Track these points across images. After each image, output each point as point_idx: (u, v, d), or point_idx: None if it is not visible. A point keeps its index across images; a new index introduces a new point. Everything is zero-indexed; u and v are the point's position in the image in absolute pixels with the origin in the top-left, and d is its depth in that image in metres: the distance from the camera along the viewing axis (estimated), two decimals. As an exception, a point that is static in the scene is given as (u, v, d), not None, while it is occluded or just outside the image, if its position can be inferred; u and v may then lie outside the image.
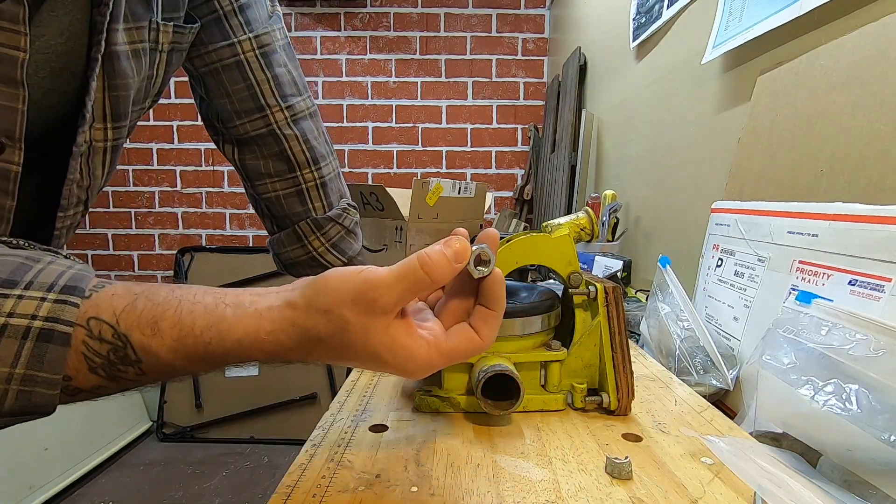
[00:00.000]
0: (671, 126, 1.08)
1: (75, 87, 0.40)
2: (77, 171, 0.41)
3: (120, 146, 0.46)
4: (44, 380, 0.26)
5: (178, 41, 0.49)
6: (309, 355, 0.30)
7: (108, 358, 0.28)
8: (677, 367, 0.59)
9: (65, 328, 0.27)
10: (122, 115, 0.44)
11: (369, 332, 0.28)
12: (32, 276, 0.27)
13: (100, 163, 0.44)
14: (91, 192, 0.45)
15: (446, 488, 0.33)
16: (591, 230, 1.06)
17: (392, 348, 0.29)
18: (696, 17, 0.97)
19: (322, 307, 0.28)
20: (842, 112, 0.54)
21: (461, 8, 2.39)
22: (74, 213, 0.44)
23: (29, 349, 0.26)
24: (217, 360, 0.29)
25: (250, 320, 0.29)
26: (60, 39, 0.38)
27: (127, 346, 0.28)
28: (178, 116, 2.43)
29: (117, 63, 0.41)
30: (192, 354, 0.29)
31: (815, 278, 0.49)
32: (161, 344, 0.28)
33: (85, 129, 0.40)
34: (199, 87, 0.61)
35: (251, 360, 0.30)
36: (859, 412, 0.36)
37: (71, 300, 0.27)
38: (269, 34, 0.60)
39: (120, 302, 0.28)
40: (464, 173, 2.46)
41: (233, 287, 0.32)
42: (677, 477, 0.35)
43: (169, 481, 1.89)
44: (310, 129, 0.65)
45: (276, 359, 0.30)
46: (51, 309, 0.27)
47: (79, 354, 0.27)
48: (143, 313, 0.28)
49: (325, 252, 0.67)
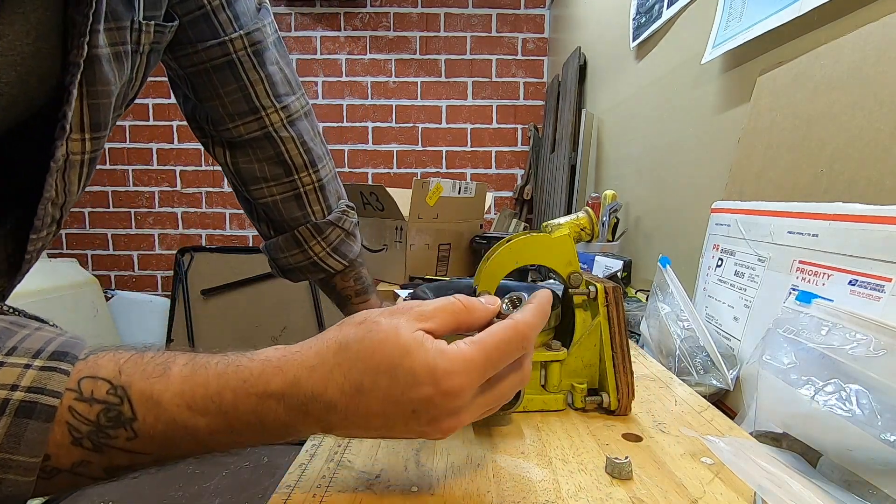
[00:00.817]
0: (671, 126, 1.08)
1: (44, 94, 0.35)
2: (52, 188, 0.36)
3: (97, 159, 0.42)
4: (19, 464, 0.22)
5: (157, 41, 0.45)
6: (332, 374, 0.26)
7: (96, 422, 0.24)
8: (677, 367, 0.59)
9: (50, 400, 0.23)
10: (101, 124, 0.39)
11: (400, 329, 0.26)
12: (17, 342, 0.24)
13: (76, 178, 0.40)
14: (65, 209, 0.40)
15: (446, 488, 0.33)
16: (591, 230, 1.06)
17: (422, 342, 0.26)
18: (696, 17, 0.97)
19: (356, 320, 0.28)
20: (842, 112, 0.54)
21: (461, 8, 2.39)
22: (47, 233, 0.39)
23: (5, 427, 0.22)
24: (228, 398, 0.25)
25: (276, 347, 0.28)
26: (27, 40, 0.33)
27: (123, 400, 0.24)
28: (178, 116, 2.43)
29: (98, 68, 0.37)
30: (199, 395, 0.25)
31: (815, 278, 0.49)
32: (166, 387, 0.25)
33: (62, 143, 0.36)
34: (185, 87, 0.58)
35: (268, 392, 0.26)
36: (859, 412, 0.36)
37: (61, 367, 0.24)
38: (261, 30, 0.57)
39: (125, 355, 0.26)
40: (464, 173, 2.46)
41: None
42: (677, 477, 0.35)
43: (169, 481, 1.89)
44: (306, 130, 0.63)
45: (297, 389, 0.26)
46: (35, 377, 0.23)
47: (62, 425, 0.24)
48: (152, 360, 0.26)
49: (326, 256, 0.65)
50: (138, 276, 2.53)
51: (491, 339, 0.27)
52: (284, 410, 0.26)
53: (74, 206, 0.43)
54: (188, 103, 0.61)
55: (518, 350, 0.28)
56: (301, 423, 0.27)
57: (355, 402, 0.26)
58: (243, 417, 0.26)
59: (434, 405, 0.26)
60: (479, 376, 0.27)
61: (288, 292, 2.26)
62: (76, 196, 0.41)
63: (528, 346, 0.29)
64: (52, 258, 2.20)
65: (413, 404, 0.26)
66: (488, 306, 0.30)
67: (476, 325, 0.29)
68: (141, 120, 2.43)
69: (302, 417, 0.26)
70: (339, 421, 0.27)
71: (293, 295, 2.27)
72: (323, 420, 0.27)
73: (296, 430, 0.27)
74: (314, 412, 0.26)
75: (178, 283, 2.30)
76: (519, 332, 0.28)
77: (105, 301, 2.24)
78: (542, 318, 0.30)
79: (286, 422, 0.26)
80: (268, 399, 0.26)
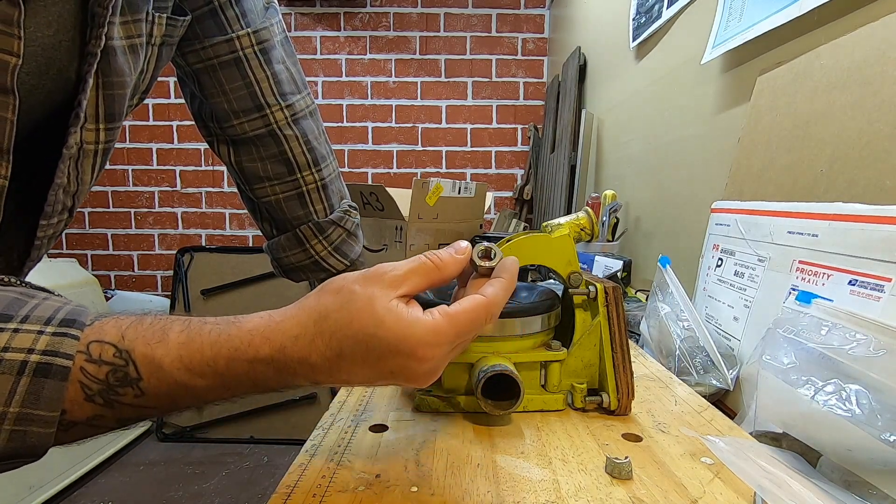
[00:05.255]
0: (671, 126, 1.08)
1: (61, 85, 0.37)
2: (65, 175, 0.38)
3: (111, 149, 0.43)
4: (40, 418, 0.25)
5: (169, 34, 0.46)
6: (314, 342, 0.29)
7: (106, 381, 0.26)
8: (677, 367, 0.59)
9: (64, 361, 0.25)
10: (115, 115, 0.41)
11: (375, 300, 0.28)
12: (28, 310, 0.26)
13: (89, 167, 0.41)
14: (77, 198, 0.41)
15: (446, 488, 0.33)
16: (591, 230, 1.07)
17: (397, 313, 0.28)
18: (696, 17, 0.97)
19: (333, 288, 0.30)
20: (842, 112, 0.54)
21: (461, 8, 2.40)
22: (58, 220, 0.40)
23: (25, 385, 0.24)
24: (222, 363, 0.28)
25: (261, 315, 0.30)
26: (48, 32, 0.34)
27: (128, 363, 0.27)
28: (178, 116, 2.43)
29: (113, 59, 0.38)
30: (196, 360, 0.28)
31: (815, 278, 0.49)
32: (166, 353, 0.27)
33: (76, 131, 0.37)
34: (192, 84, 0.59)
35: (258, 359, 0.28)
36: (859, 412, 0.36)
37: (71, 332, 0.26)
38: (268, 29, 0.57)
39: (126, 321, 0.28)
40: (464, 173, 2.46)
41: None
42: (677, 477, 0.35)
43: (169, 481, 1.89)
44: (310, 129, 0.63)
45: (283, 355, 0.29)
46: (49, 342, 0.25)
47: (75, 384, 0.26)
48: (151, 326, 0.28)
49: (328, 255, 0.65)
50: (138, 276, 2.53)
51: (462, 314, 0.30)
52: (274, 372, 0.29)
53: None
54: (195, 101, 0.61)
55: (485, 321, 0.31)
56: (290, 381, 0.30)
57: (337, 364, 0.29)
58: (237, 378, 0.29)
59: (408, 368, 0.29)
60: (448, 345, 0.30)
61: (288, 292, 2.26)
62: (89, 186, 0.43)
63: (495, 315, 0.32)
64: (52, 258, 2.20)
65: (390, 367, 0.29)
66: (458, 257, 0.32)
67: (448, 279, 0.32)
68: (141, 120, 2.43)
69: (290, 377, 0.29)
70: (325, 378, 0.30)
71: (293, 295, 2.26)
72: (310, 377, 0.30)
73: (286, 385, 0.30)
74: (301, 372, 0.29)
75: (177, 283, 2.30)
76: (487, 309, 0.31)
77: (105, 301, 2.24)
78: (510, 292, 0.33)
79: (277, 380, 0.30)
80: (258, 364, 0.29)
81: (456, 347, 0.31)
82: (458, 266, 0.32)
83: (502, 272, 0.33)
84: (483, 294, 0.31)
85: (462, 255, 0.33)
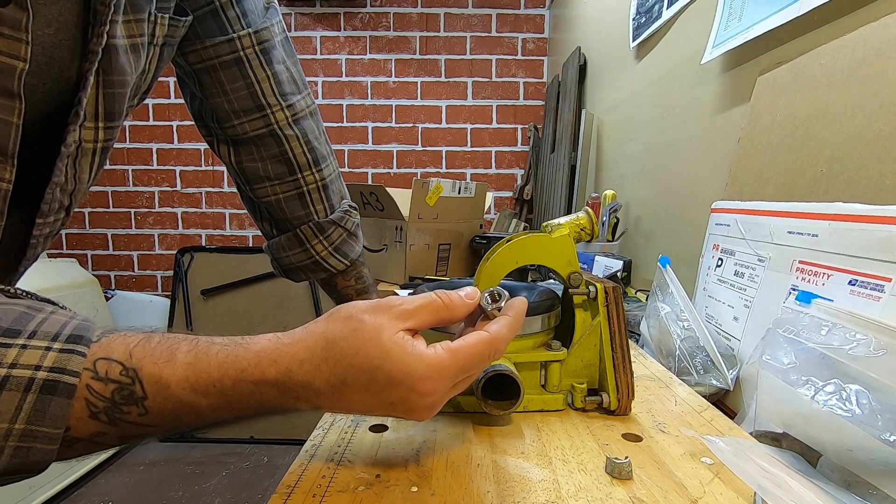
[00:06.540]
0: (671, 126, 1.08)
1: (62, 84, 0.37)
2: (63, 173, 0.38)
3: (110, 148, 0.43)
4: (44, 435, 0.25)
5: (171, 35, 0.46)
6: (319, 368, 0.29)
7: (111, 399, 0.27)
8: (677, 367, 0.59)
9: (70, 379, 0.25)
10: (115, 114, 0.40)
11: (382, 330, 0.29)
12: (36, 325, 0.26)
13: (87, 166, 0.41)
14: (75, 197, 0.41)
15: (446, 488, 0.33)
16: (591, 230, 1.06)
17: (402, 345, 0.29)
18: (696, 17, 0.97)
19: (342, 315, 0.30)
20: (842, 112, 0.54)
21: (461, 8, 2.39)
22: (55, 219, 0.40)
23: (31, 402, 0.24)
24: (228, 384, 0.28)
25: (269, 337, 0.30)
26: (49, 30, 0.34)
27: (134, 381, 0.27)
28: (178, 116, 2.43)
29: (115, 58, 0.38)
30: (203, 381, 0.28)
31: (815, 278, 0.49)
32: (173, 372, 0.27)
33: (75, 129, 0.37)
34: (192, 84, 0.59)
35: (265, 381, 0.29)
36: (859, 412, 0.36)
37: (78, 349, 0.26)
38: (269, 29, 0.57)
39: (134, 339, 0.28)
40: (464, 173, 2.46)
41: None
42: (677, 477, 0.35)
43: (169, 481, 1.89)
44: (310, 129, 0.63)
45: (289, 378, 0.29)
46: (56, 359, 0.25)
47: (81, 401, 0.26)
48: (159, 345, 0.28)
49: (328, 256, 0.65)
50: (138, 276, 2.53)
51: (466, 350, 0.30)
52: (278, 394, 0.29)
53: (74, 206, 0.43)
54: (195, 101, 0.61)
55: (489, 358, 0.32)
56: (292, 404, 0.30)
57: (339, 391, 0.29)
58: (242, 399, 0.29)
59: (409, 401, 0.30)
60: (451, 380, 0.30)
61: (288, 292, 2.26)
62: (87, 185, 0.42)
63: (500, 352, 0.32)
64: (52, 258, 2.20)
65: (391, 398, 0.29)
66: (467, 301, 0.33)
67: (456, 319, 0.33)
68: (141, 120, 2.43)
69: (293, 400, 0.30)
70: (326, 404, 0.30)
71: (293, 295, 2.27)
72: (312, 402, 0.30)
73: (287, 409, 0.31)
74: (304, 396, 0.30)
75: (177, 283, 2.30)
76: (492, 346, 0.31)
77: (105, 301, 2.24)
78: (516, 330, 0.33)
79: (280, 402, 0.30)
80: (263, 385, 0.29)
81: (459, 383, 0.32)
82: (466, 309, 0.33)
83: (508, 310, 0.34)
84: (487, 331, 0.31)
85: (471, 300, 0.33)
